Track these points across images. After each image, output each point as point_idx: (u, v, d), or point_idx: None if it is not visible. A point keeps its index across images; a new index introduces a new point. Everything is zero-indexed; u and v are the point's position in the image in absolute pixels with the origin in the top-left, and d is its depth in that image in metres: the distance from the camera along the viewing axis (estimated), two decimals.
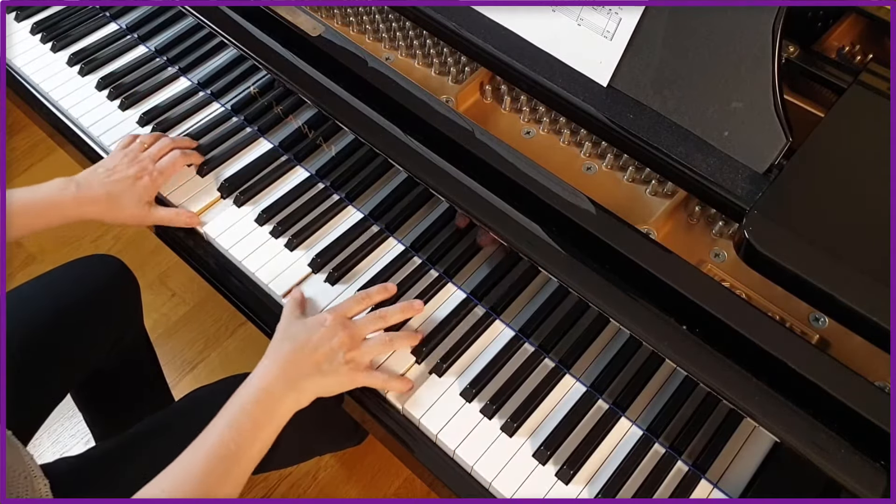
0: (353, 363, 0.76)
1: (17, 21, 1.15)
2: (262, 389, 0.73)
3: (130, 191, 0.88)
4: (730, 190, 0.69)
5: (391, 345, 0.80)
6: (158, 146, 0.93)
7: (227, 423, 0.71)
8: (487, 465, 0.76)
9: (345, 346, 0.76)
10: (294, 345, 0.75)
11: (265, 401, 0.72)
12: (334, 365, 0.75)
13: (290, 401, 0.73)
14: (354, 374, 0.76)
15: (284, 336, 0.77)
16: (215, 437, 0.70)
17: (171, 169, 0.92)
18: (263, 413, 0.72)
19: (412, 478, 1.43)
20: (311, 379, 0.74)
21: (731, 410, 0.71)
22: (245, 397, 0.72)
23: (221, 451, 0.69)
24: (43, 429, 1.01)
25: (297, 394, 0.74)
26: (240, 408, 0.72)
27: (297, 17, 0.87)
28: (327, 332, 0.76)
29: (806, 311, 0.70)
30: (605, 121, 0.75)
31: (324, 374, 0.75)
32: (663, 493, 0.74)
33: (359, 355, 0.77)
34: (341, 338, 0.76)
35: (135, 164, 0.90)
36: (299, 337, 0.76)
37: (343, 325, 0.77)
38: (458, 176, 0.77)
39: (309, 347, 0.75)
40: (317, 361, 0.75)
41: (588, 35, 0.76)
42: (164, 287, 1.69)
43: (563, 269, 0.72)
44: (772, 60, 0.68)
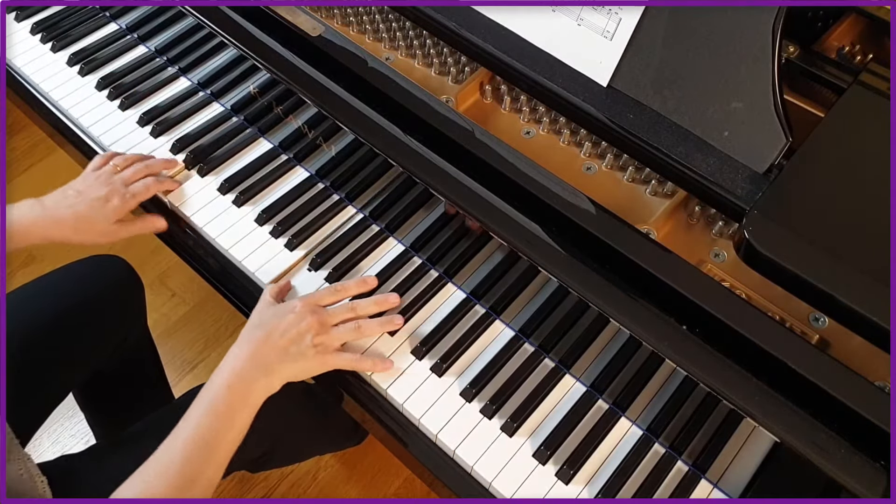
0: (322, 346, 0.77)
1: (17, 21, 1.15)
2: (234, 374, 0.74)
3: (99, 213, 0.87)
4: (730, 190, 0.69)
5: (360, 331, 0.80)
6: (132, 171, 0.91)
7: (203, 410, 0.72)
8: (487, 465, 0.76)
9: (312, 329, 0.76)
10: (263, 331, 0.76)
11: (237, 385, 0.73)
12: (301, 348, 0.76)
13: (262, 385, 0.74)
14: (323, 356, 0.77)
15: (257, 323, 0.78)
16: (192, 424, 0.71)
17: (143, 195, 0.91)
18: (236, 397, 0.73)
19: (412, 478, 1.43)
20: (280, 363, 0.75)
21: (731, 410, 0.71)
22: (218, 383, 0.74)
23: (199, 437, 0.71)
24: (43, 429, 1.01)
25: (267, 378, 0.75)
26: (213, 394, 0.73)
27: (297, 17, 0.87)
28: (295, 317, 0.77)
29: (806, 311, 0.70)
30: (605, 121, 0.75)
31: (292, 357, 0.75)
32: (663, 493, 0.74)
33: (327, 339, 0.77)
34: (309, 322, 0.77)
35: (105, 186, 0.89)
36: (269, 322, 0.77)
37: (312, 311, 0.78)
38: (458, 176, 0.77)
39: (277, 332, 0.76)
40: (284, 346, 0.75)
41: (588, 35, 0.76)
42: (164, 287, 1.70)
43: (563, 269, 0.72)
44: (772, 60, 0.68)
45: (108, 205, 0.88)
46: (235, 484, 1.42)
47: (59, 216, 0.86)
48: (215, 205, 0.94)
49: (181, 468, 0.69)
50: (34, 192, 0.89)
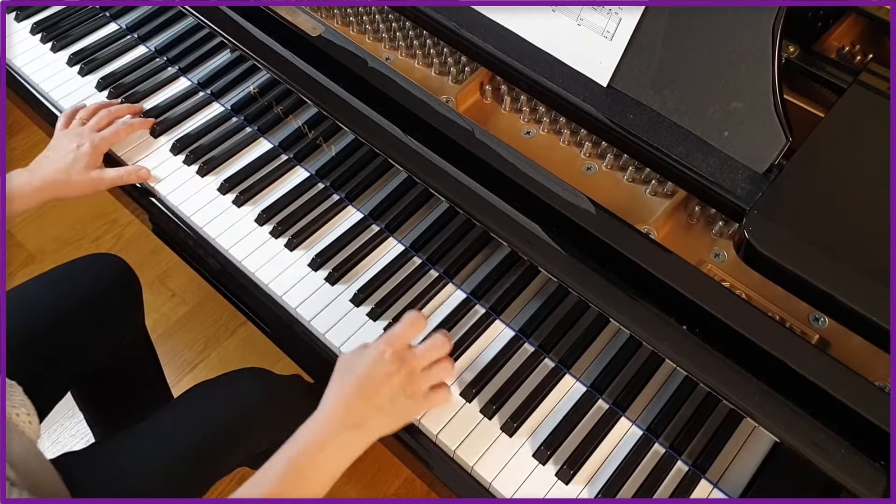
0: (415, 395, 0.74)
1: (17, 21, 1.15)
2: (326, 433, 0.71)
3: (75, 162, 0.92)
4: (730, 190, 0.69)
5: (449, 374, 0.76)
6: (95, 119, 0.96)
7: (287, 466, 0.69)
8: (487, 465, 0.76)
9: (405, 383, 0.73)
10: (356, 385, 0.72)
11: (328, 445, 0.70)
12: (396, 404, 0.72)
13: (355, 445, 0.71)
14: (416, 405, 0.74)
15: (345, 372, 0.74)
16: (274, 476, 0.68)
17: (112, 137, 0.95)
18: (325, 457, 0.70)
19: (412, 478, 1.43)
20: (374, 421, 0.72)
21: (731, 410, 0.71)
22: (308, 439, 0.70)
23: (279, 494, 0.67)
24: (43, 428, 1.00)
25: (361, 438, 0.71)
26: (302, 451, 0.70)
27: (297, 17, 0.87)
28: (390, 368, 0.73)
29: (806, 311, 0.70)
30: (605, 121, 0.75)
31: (386, 413, 0.72)
32: (663, 493, 0.74)
33: (418, 388, 0.74)
34: (402, 377, 0.73)
35: (75, 138, 0.94)
36: (360, 375, 0.73)
37: (402, 358, 0.74)
38: (458, 176, 0.77)
39: (372, 388, 0.72)
40: (379, 404, 0.72)
41: (588, 35, 0.76)
42: (164, 287, 1.70)
43: (563, 269, 0.72)
44: (772, 60, 0.68)
45: (79, 151, 0.92)
46: (235, 484, 1.42)
47: (46, 174, 0.91)
48: (215, 205, 0.94)
49: None
50: None
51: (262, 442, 0.96)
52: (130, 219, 1.77)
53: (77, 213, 1.80)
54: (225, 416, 0.92)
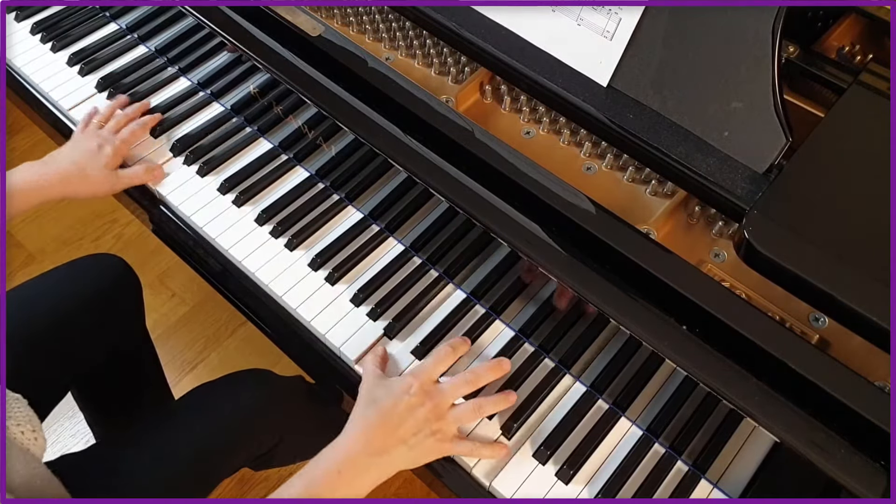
0: (440, 434, 0.73)
1: (17, 21, 1.15)
2: (346, 460, 0.70)
3: (95, 160, 0.92)
4: (730, 190, 0.69)
5: (481, 412, 0.75)
6: (114, 121, 0.98)
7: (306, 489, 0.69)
8: (487, 465, 0.76)
9: (431, 418, 0.72)
10: (379, 415, 0.72)
11: (348, 472, 0.70)
12: (420, 438, 0.72)
13: (374, 474, 0.71)
14: (441, 444, 0.73)
15: (369, 401, 0.74)
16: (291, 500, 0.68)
17: (131, 138, 0.97)
18: (345, 484, 0.70)
19: (412, 478, 1.43)
20: (396, 452, 0.71)
21: (731, 410, 0.71)
22: (328, 465, 0.70)
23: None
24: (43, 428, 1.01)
25: (380, 468, 0.71)
26: (321, 476, 0.70)
27: (297, 17, 0.87)
28: (413, 400, 0.72)
29: (806, 311, 0.70)
30: (605, 121, 0.75)
31: (410, 447, 0.71)
32: (663, 493, 0.74)
33: (445, 426, 0.73)
34: (427, 409, 0.72)
35: (95, 138, 0.95)
36: (384, 404, 0.72)
37: (428, 392, 0.73)
38: (458, 176, 0.77)
39: (395, 419, 0.71)
40: (402, 437, 0.71)
41: (588, 35, 0.76)
42: (164, 287, 1.70)
43: (563, 269, 0.72)
44: (772, 60, 0.68)
45: (101, 152, 0.93)
46: (235, 484, 1.42)
47: (62, 169, 0.91)
48: (215, 205, 0.94)
49: None
50: None
51: (263, 443, 0.96)
52: (130, 219, 1.77)
53: (77, 213, 1.80)
54: (226, 417, 0.92)
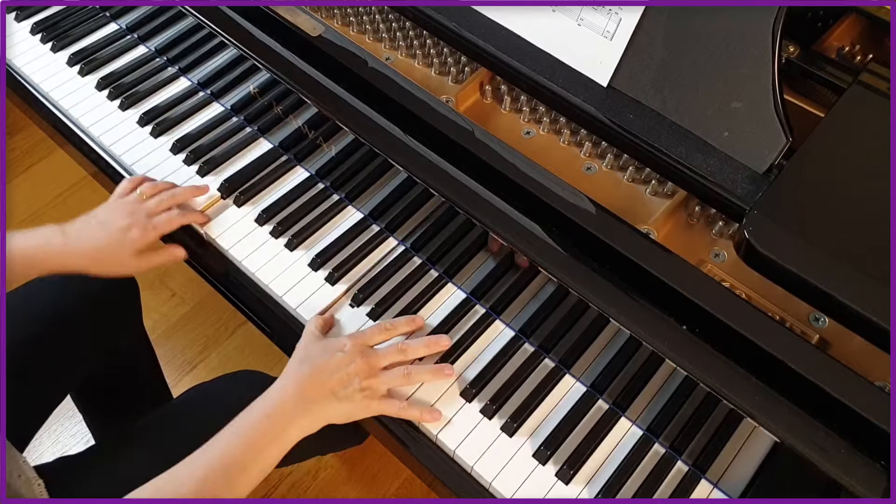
0: (369, 391, 0.75)
1: (17, 21, 1.15)
2: (277, 407, 0.72)
3: (119, 244, 0.85)
4: (730, 190, 0.69)
5: (409, 378, 0.77)
6: (157, 201, 0.88)
7: (234, 436, 0.70)
8: (487, 465, 0.76)
9: (361, 373, 0.74)
10: (312, 368, 0.74)
11: (277, 418, 0.72)
12: (349, 391, 0.74)
13: (303, 423, 0.73)
14: (369, 402, 0.75)
15: (303, 356, 0.76)
16: (222, 444, 0.70)
17: (165, 227, 0.87)
18: (273, 429, 0.71)
19: (412, 478, 1.43)
20: (325, 404, 0.73)
21: (731, 410, 0.71)
22: (258, 411, 0.72)
23: (226, 459, 0.69)
24: (43, 429, 1.01)
25: (310, 417, 0.73)
26: (250, 421, 0.71)
27: (297, 17, 0.87)
28: (345, 357, 0.75)
29: (806, 311, 0.70)
30: (605, 121, 0.75)
31: (339, 399, 0.74)
32: (663, 493, 0.74)
33: (375, 384, 0.75)
34: (358, 365, 0.75)
35: (128, 216, 0.86)
36: (317, 359, 0.75)
37: (362, 352, 0.76)
38: (458, 176, 0.77)
39: (326, 372, 0.74)
40: (332, 387, 0.74)
41: (588, 35, 0.76)
42: (164, 287, 1.70)
43: (563, 269, 0.72)
44: (772, 60, 0.68)
45: (127, 235, 0.85)
46: None
47: (80, 247, 0.84)
48: (215, 205, 0.94)
49: (198, 488, 0.67)
50: (34, 192, 0.89)
51: None
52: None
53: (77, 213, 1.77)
54: (223, 418, 0.92)
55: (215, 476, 0.68)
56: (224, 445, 0.70)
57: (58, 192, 1.82)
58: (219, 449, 0.69)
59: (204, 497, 0.67)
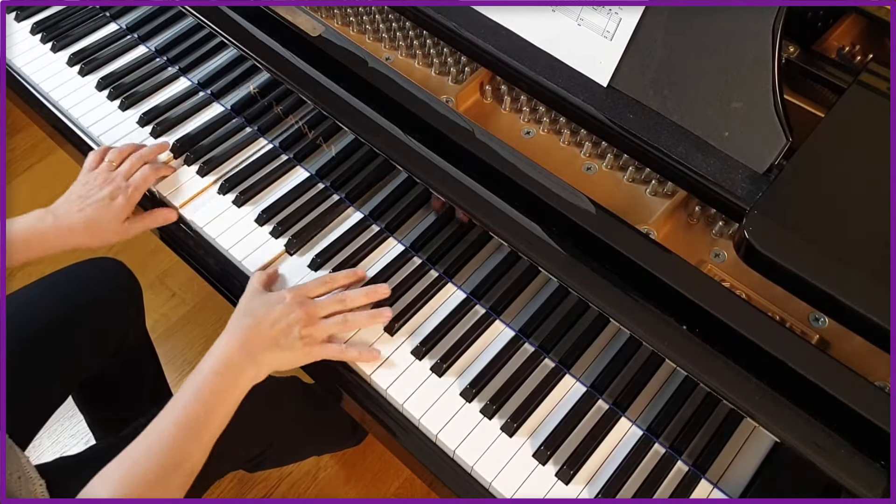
0: (309, 338, 0.78)
1: (17, 21, 1.15)
2: (222, 362, 0.75)
3: (107, 212, 0.88)
4: (730, 190, 0.69)
5: (347, 324, 0.81)
6: (128, 164, 0.92)
7: (190, 396, 0.73)
8: (487, 465, 0.76)
9: (301, 321, 0.78)
10: (253, 320, 0.78)
11: (224, 372, 0.75)
12: (290, 340, 0.77)
13: (249, 373, 0.76)
14: (310, 348, 0.78)
15: (245, 311, 0.79)
16: (179, 408, 0.73)
17: (143, 185, 0.91)
18: (223, 384, 0.74)
19: (412, 478, 1.43)
20: (268, 352, 0.76)
21: (731, 410, 0.71)
22: (205, 370, 0.75)
23: (185, 422, 0.72)
24: (43, 429, 1.01)
25: (255, 367, 0.76)
26: (201, 380, 0.74)
27: (297, 17, 0.87)
28: (285, 308, 0.78)
29: (806, 311, 0.70)
30: (605, 121, 0.75)
31: (281, 348, 0.77)
32: (663, 493, 0.74)
33: (315, 331, 0.79)
34: (298, 314, 0.78)
35: (107, 184, 0.90)
36: (258, 312, 0.78)
37: (301, 303, 0.79)
38: (458, 176, 0.77)
39: (267, 322, 0.77)
40: (274, 336, 0.77)
41: (588, 35, 0.76)
42: (164, 287, 1.70)
43: (563, 269, 0.72)
44: (772, 60, 0.68)
45: (113, 203, 0.89)
46: (235, 484, 1.42)
47: (72, 223, 0.87)
48: (215, 205, 0.94)
49: (168, 452, 0.70)
50: (34, 192, 0.90)
51: (258, 444, 0.96)
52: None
53: None
54: None
55: (180, 437, 0.71)
56: (181, 408, 0.73)
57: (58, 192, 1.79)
58: (178, 412, 0.72)
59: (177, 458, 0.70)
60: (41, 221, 0.87)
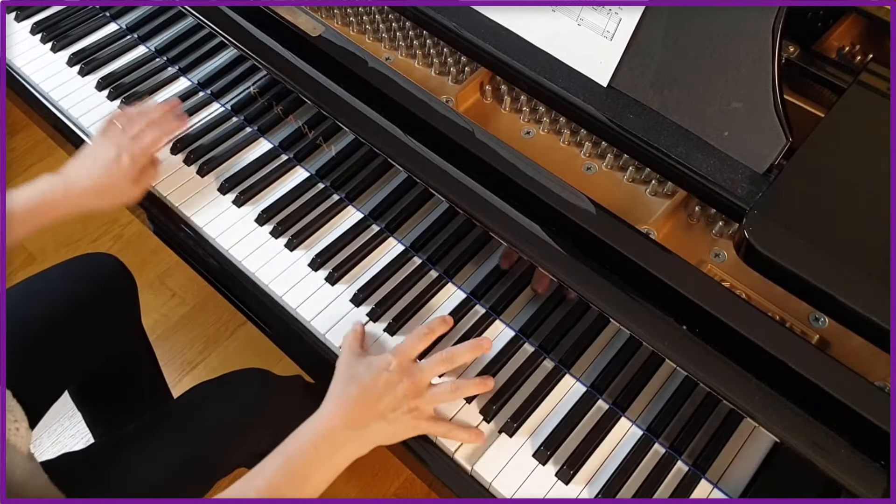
0: (417, 412, 0.74)
1: (17, 21, 1.15)
2: (324, 434, 0.71)
3: (115, 173, 0.89)
4: (730, 190, 0.69)
5: (458, 393, 0.76)
6: (136, 127, 0.92)
7: (283, 463, 0.69)
8: (487, 465, 0.76)
9: (409, 394, 0.73)
10: (359, 390, 0.73)
11: (324, 446, 0.70)
12: (398, 414, 0.73)
13: (351, 449, 0.72)
14: (417, 422, 0.74)
15: (348, 377, 0.74)
16: (268, 474, 0.68)
17: (151, 146, 0.92)
18: (322, 458, 0.70)
19: (412, 478, 1.43)
20: (373, 427, 0.72)
21: (731, 410, 0.71)
22: (305, 441, 0.71)
23: (273, 490, 0.67)
24: (43, 428, 1.01)
25: (358, 443, 0.72)
26: (296, 450, 0.70)
27: (297, 17, 0.87)
28: (392, 377, 0.73)
29: (806, 311, 0.70)
30: (605, 121, 0.75)
31: (388, 422, 0.72)
32: (663, 493, 0.74)
33: (423, 403, 0.74)
34: (406, 385, 0.73)
35: (114, 147, 0.90)
36: (363, 381, 0.73)
37: (407, 370, 0.74)
38: (458, 176, 0.77)
39: (374, 395, 0.72)
40: (381, 411, 0.72)
41: (588, 35, 0.76)
42: (164, 287, 1.70)
43: (563, 269, 0.72)
44: (772, 60, 0.68)
45: (120, 164, 0.88)
46: None
47: (82, 186, 0.87)
48: (215, 205, 0.94)
49: None
50: None
51: (261, 442, 0.96)
52: (130, 219, 1.77)
53: None
54: (225, 416, 0.92)
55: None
56: (270, 476, 0.68)
57: None
58: (265, 480, 0.68)
59: None
60: (53, 188, 0.86)
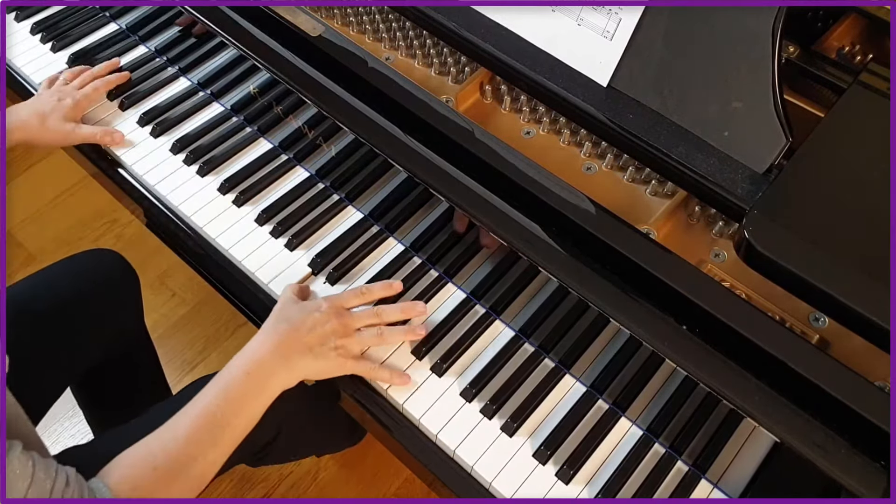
0: (343, 350, 0.78)
1: (17, 21, 1.15)
2: (255, 361, 0.75)
3: (55, 110, 0.97)
4: (730, 190, 0.69)
5: (382, 338, 0.80)
6: (80, 79, 1.02)
7: (217, 392, 0.73)
8: (487, 465, 0.76)
9: (337, 333, 0.77)
10: (289, 325, 0.77)
11: (256, 373, 0.74)
12: (324, 349, 0.77)
13: (281, 378, 0.75)
14: (343, 360, 0.78)
15: (280, 316, 0.79)
16: (203, 404, 0.72)
17: (93, 94, 1.01)
18: (254, 384, 0.74)
19: (412, 478, 1.43)
20: (301, 359, 0.76)
21: (731, 410, 0.71)
22: (237, 368, 0.74)
23: (209, 417, 0.71)
24: (43, 428, 1.01)
25: (287, 371, 0.75)
26: (230, 378, 0.74)
27: (297, 17, 0.87)
28: (322, 316, 0.78)
29: (806, 311, 0.70)
30: (605, 121, 0.75)
31: (315, 356, 0.76)
32: (663, 493, 0.74)
33: (349, 343, 0.78)
34: (334, 324, 0.78)
35: (56, 93, 0.99)
36: (294, 318, 0.78)
37: (338, 313, 0.79)
38: (458, 176, 0.77)
39: (303, 329, 0.77)
40: (308, 343, 0.76)
41: (588, 35, 0.76)
42: (164, 287, 1.70)
43: (563, 269, 0.72)
44: (772, 60, 0.68)
45: (61, 103, 0.98)
46: (235, 484, 1.42)
47: (21, 116, 0.97)
48: (215, 205, 0.94)
49: (185, 444, 0.69)
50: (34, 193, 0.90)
51: (258, 438, 0.96)
52: (131, 219, 1.77)
53: (77, 213, 1.80)
54: None
55: (201, 432, 0.70)
56: (206, 403, 0.72)
57: (58, 192, 1.83)
58: (202, 407, 0.72)
59: (192, 453, 0.69)
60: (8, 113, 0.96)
